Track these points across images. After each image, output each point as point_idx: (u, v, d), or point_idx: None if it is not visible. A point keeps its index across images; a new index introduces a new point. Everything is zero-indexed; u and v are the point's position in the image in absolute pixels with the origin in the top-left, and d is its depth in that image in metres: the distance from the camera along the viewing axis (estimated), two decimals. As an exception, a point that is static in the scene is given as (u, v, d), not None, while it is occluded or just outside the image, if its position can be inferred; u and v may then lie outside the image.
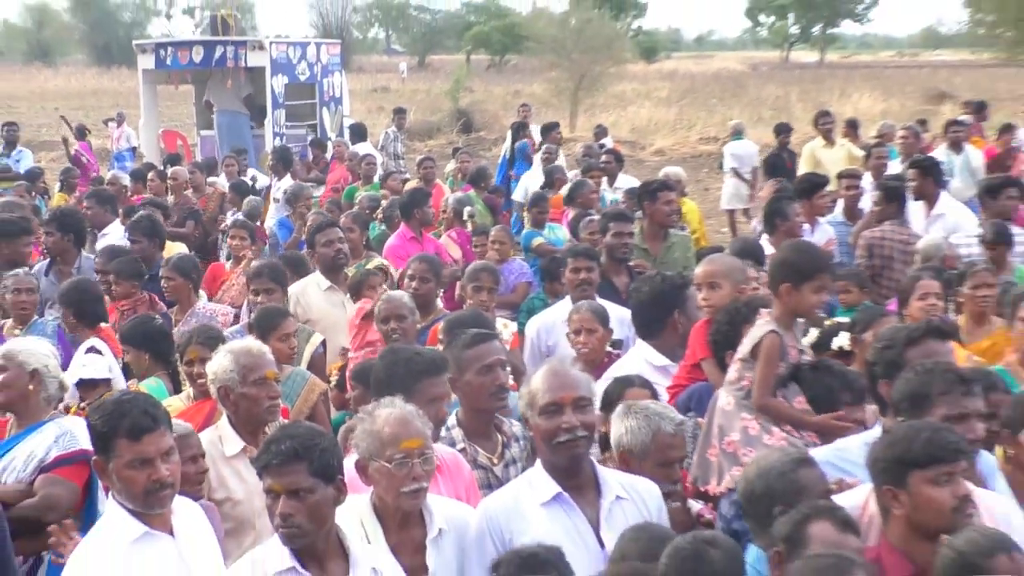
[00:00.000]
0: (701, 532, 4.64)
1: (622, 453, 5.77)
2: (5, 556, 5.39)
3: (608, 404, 6.33)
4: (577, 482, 5.09)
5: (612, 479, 5.23)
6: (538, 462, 5.26)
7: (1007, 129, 20.21)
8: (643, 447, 5.55)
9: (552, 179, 16.66)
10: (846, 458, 5.65)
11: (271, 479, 4.44)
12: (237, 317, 9.77)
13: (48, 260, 10.73)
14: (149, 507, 4.63)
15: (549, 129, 21.68)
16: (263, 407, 6.01)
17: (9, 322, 9.03)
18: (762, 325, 6.41)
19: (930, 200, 11.99)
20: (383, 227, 13.40)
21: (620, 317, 8.55)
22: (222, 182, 17.13)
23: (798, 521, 4.53)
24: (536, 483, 5.11)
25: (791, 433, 6.26)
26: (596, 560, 4.84)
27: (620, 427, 5.68)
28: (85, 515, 5.77)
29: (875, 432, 5.66)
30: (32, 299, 9.13)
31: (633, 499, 5.15)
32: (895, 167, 14.77)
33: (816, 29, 78.24)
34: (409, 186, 15.01)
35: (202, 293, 10.32)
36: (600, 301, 8.78)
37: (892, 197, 11.84)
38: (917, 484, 4.60)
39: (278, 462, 4.43)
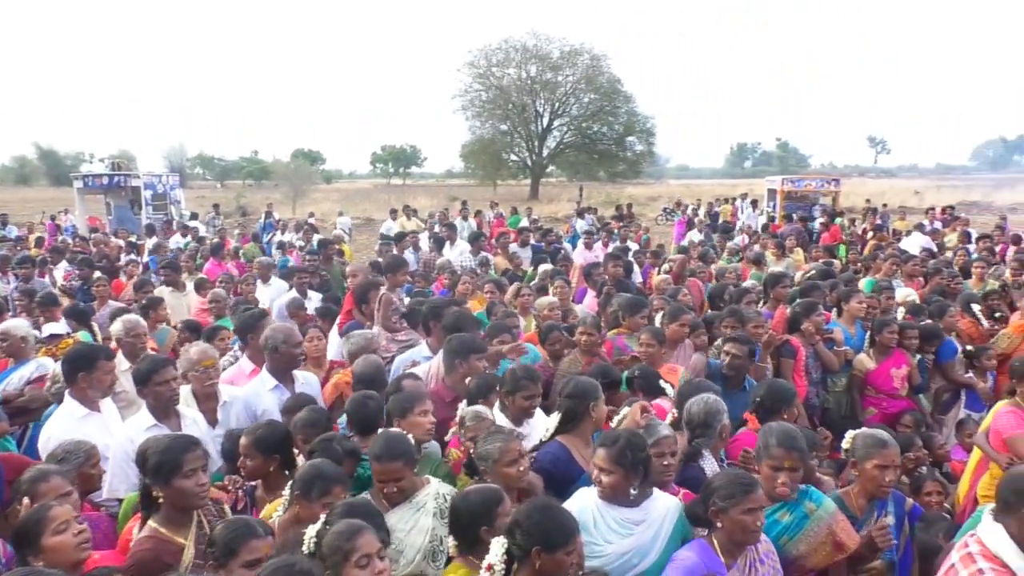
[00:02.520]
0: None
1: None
2: None
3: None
4: (286, 378, 4.99)
5: (300, 376, 5.11)
6: (264, 369, 5.08)
7: (479, 213, 21.11)
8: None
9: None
10: (420, 353, 5.74)
11: (163, 375, 4.27)
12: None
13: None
14: (100, 397, 4.52)
15: (268, 215, 22.13)
16: (137, 347, 5.68)
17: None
18: (383, 290, 6.61)
19: (452, 242, 12.54)
20: (202, 260, 12.71)
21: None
22: (118, 241, 16.10)
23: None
24: (265, 380, 4.95)
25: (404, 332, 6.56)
26: None
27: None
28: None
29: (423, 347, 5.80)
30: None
31: (308, 383, 5.14)
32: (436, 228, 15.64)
33: (402, 169, 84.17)
34: (214, 241, 14.64)
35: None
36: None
37: (439, 242, 12.48)
38: (471, 361, 4.69)
39: (164, 367, 4.32)
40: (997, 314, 7.64)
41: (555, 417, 3.97)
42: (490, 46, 49.28)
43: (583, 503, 3.24)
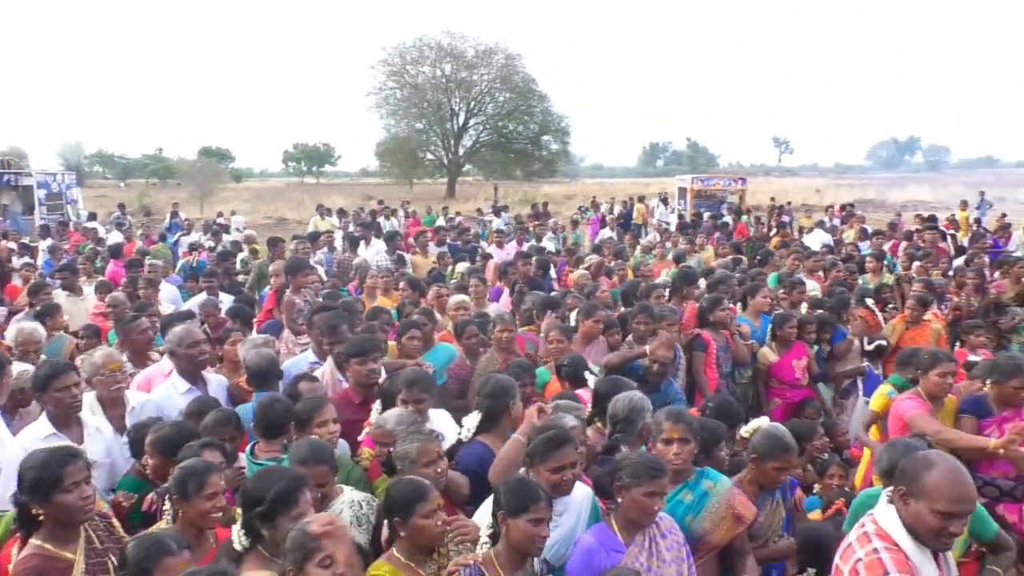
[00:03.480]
0: None
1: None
2: None
3: None
4: (198, 380, 4.92)
5: (212, 378, 5.06)
6: (175, 372, 4.97)
7: (395, 212, 20.77)
8: None
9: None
10: (307, 359, 5.63)
11: (63, 380, 4.09)
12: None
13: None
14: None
15: (174, 215, 21.19)
16: (31, 355, 5.47)
17: None
18: (287, 293, 6.62)
19: (367, 242, 12.25)
20: (101, 263, 12.18)
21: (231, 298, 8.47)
22: (9, 244, 15.07)
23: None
24: (176, 383, 4.87)
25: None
26: None
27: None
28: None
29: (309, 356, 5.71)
30: None
31: (221, 385, 5.05)
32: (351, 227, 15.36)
33: (315, 168, 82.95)
34: (115, 243, 14.05)
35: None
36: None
37: (354, 241, 12.14)
38: (353, 366, 4.64)
39: (64, 372, 4.15)
40: (890, 305, 8.06)
41: (475, 417, 3.95)
42: (404, 44, 49.08)
43: None
